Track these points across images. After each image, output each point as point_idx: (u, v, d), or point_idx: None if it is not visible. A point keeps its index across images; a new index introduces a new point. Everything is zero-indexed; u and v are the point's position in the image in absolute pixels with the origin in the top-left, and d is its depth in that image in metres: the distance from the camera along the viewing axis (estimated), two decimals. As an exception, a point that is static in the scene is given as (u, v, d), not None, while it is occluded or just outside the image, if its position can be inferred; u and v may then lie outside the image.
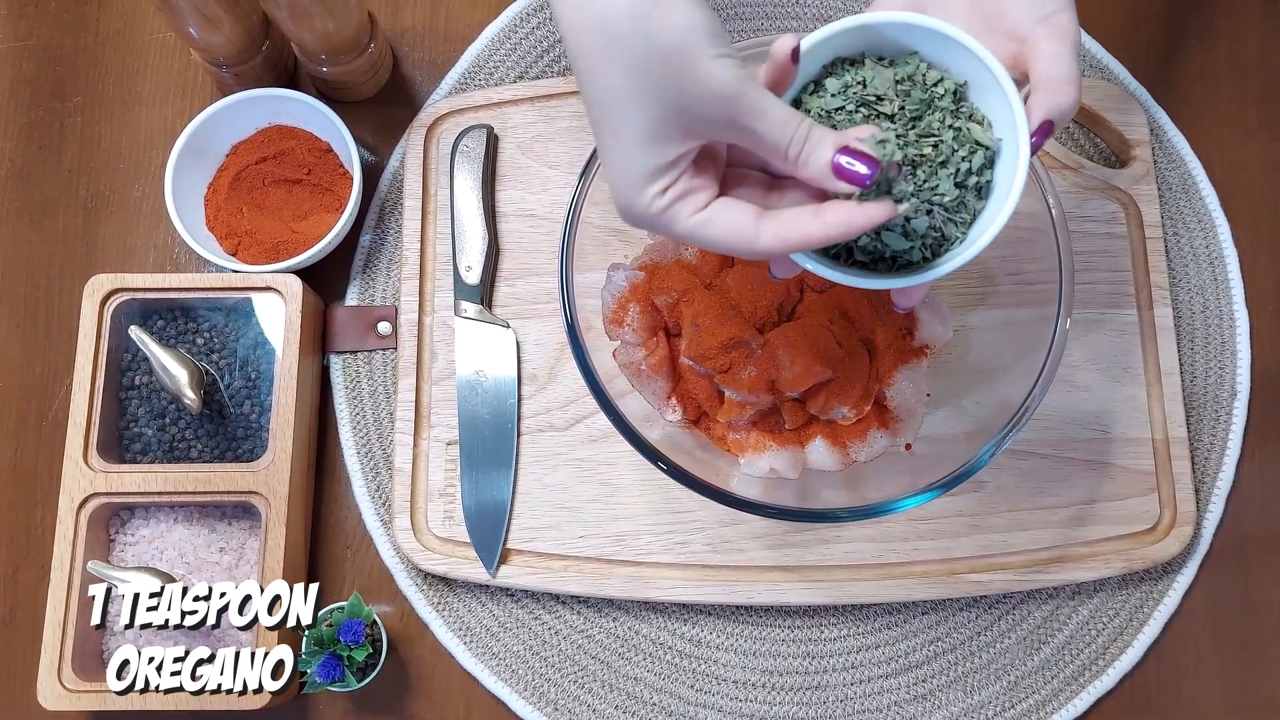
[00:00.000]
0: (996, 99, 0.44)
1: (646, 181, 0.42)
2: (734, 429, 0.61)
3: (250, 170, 0.72)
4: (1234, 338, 0.70)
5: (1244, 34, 0.76)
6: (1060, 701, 0.65)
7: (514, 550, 0.66)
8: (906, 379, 0.61)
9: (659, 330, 0.61)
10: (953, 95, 0.44)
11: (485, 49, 0.77)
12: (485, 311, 0.70)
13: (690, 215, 0.42)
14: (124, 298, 0.68)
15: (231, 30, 0.69)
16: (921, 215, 0.43)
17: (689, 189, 0.42)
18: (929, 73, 0.44)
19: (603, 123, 0.42)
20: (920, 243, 0.44)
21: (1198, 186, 0.73)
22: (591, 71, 0.41)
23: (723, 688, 0.66)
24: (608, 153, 0.42)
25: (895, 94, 0.44)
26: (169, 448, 0.68)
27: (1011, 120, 0.43)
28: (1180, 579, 0.67)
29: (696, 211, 0.42)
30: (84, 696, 0.62)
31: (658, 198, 0.42)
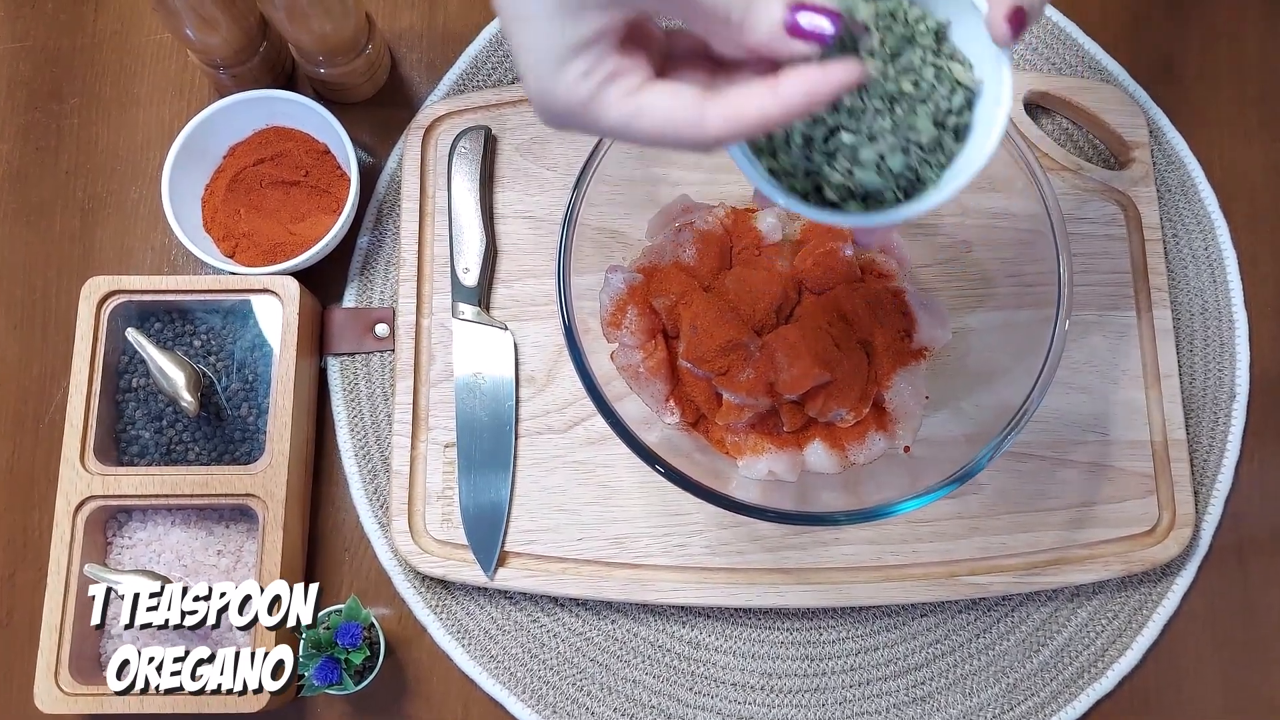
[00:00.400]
0: (979, 41, 0.42)
1: (562, 61, 0.34)
2: (732, 431, 0.61)
3: (248, 172, 0.72)
4: (1233, 339, 0.70)
5: (1244, 35, 0.76)
6: (1059, 704, 0.65)
7: (512, 553, 0.66)
8: (905, 381, 0.61)
9: (657, 333, 0.61)
10: (934, 34, 0.42)
11: (483, 50, 0.76)
12: (483, 313, 0.70)
13: (619, 101, 0.35)
14: (121, 300, 0.67)
15: (228, 31, 0.68)
16: (898, 153, 0.42)
17: (617, 70, 0.35)
18: (911, 9, 0.42)
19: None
20: (895, 182, 0.43)
21: (1197, 188, 0.73)
22: None
23: (721, 690, 0.66)
24: (515, 31, 0.35)
25: (877, 28, 0.41)
26: (166, 450, 0.67)
27: (995, 64, 0.42)
28: (1179, 581, 0.67)
29: (627, 95, 0.35)
30: (81, 700, 0.62)
31: (580, 81, 0.35)
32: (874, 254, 0.64)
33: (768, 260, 0.62)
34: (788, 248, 0.63)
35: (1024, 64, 0.75)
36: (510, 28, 0.35)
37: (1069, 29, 0.76)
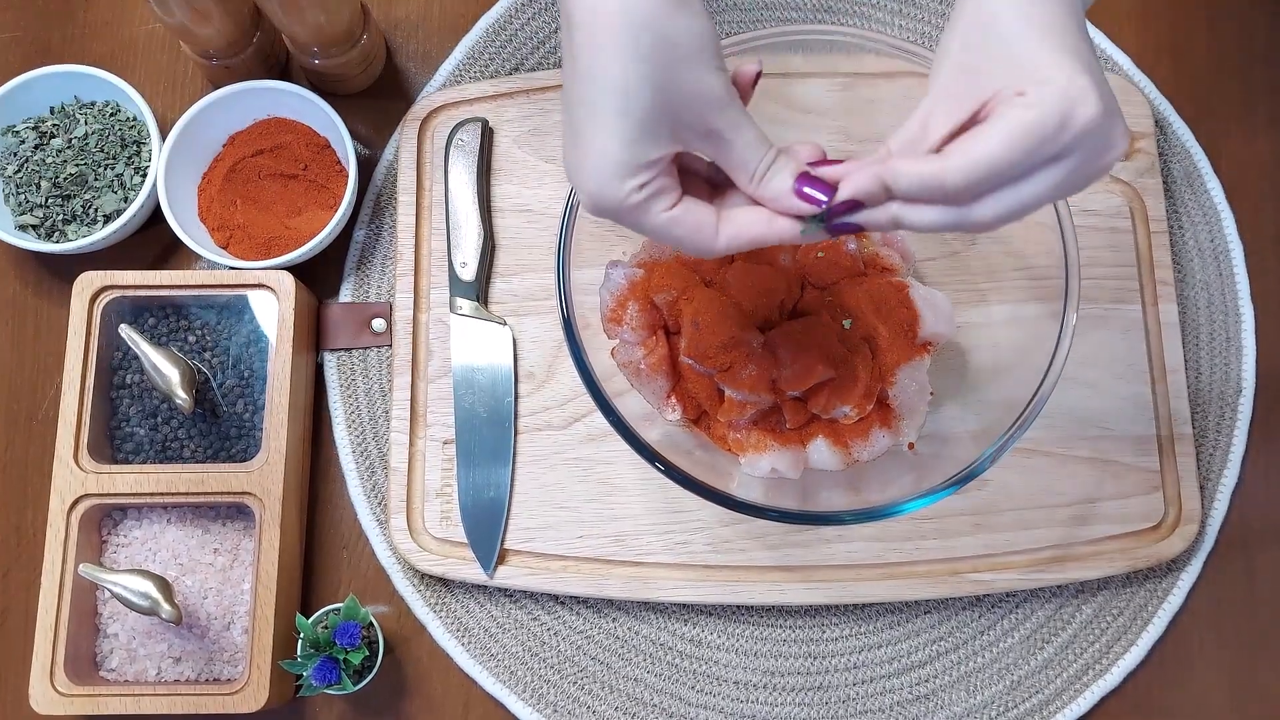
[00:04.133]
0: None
1: (629, 174, 0.42)
2: (734, 428, 0.60)
3: (246, 163, 0.71)
4: (1239, 333, 0.70)
5: (1253, 23, 0.75)
6: (1063, 701, 0.65)
7: (512, 550, 0.66)
8: (909, 377, 0.60)
9: (658, 329, 0.60)
10: None
11: (480, 41, 0.75)
12: (481, 308, 0.69)
13: (661, 212, 0.44)
14: (114, 295, 0.67)
15: (221, 22, 0.67)
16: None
17: (663, 188, 0.43)
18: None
19: (595, 106, 0.41)
20: None
21: (1203, 179, 0.72)
22: (599, 52, 0.41)
23: (723, 689, 0.65)
24: (591, 137, 0.42)
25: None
26: (161, 448, 0.67)
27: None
28: (1184, 577, 0.66)
29: (667, 209, 0.44)
30: (77, 700, 0.61)
31: (636, 191, 0.43)
32: (877, 248, 0.63)
33: (770, 254, 0.61)
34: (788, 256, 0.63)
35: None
36: (590, 125, 0.42)
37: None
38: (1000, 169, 0.39)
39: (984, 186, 0.40)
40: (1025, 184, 0.40)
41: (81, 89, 0.72)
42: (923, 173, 0.40)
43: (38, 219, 0.70)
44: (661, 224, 0.44)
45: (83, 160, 0.70)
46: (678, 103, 0.41)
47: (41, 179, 0.70)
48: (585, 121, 0.42)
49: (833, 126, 0.67)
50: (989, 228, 0.42)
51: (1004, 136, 0.39)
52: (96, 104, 0.72)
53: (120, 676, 0.64)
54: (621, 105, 0.41)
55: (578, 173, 0.43)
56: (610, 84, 0.41)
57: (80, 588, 0.63)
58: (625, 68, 0.40)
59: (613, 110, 0.41)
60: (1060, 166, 0.40)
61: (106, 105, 0.72)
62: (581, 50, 0.41)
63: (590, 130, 0.42)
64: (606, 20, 0.40)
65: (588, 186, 0.43)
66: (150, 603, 0.58)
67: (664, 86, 0.41)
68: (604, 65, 0.41)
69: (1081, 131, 0.39)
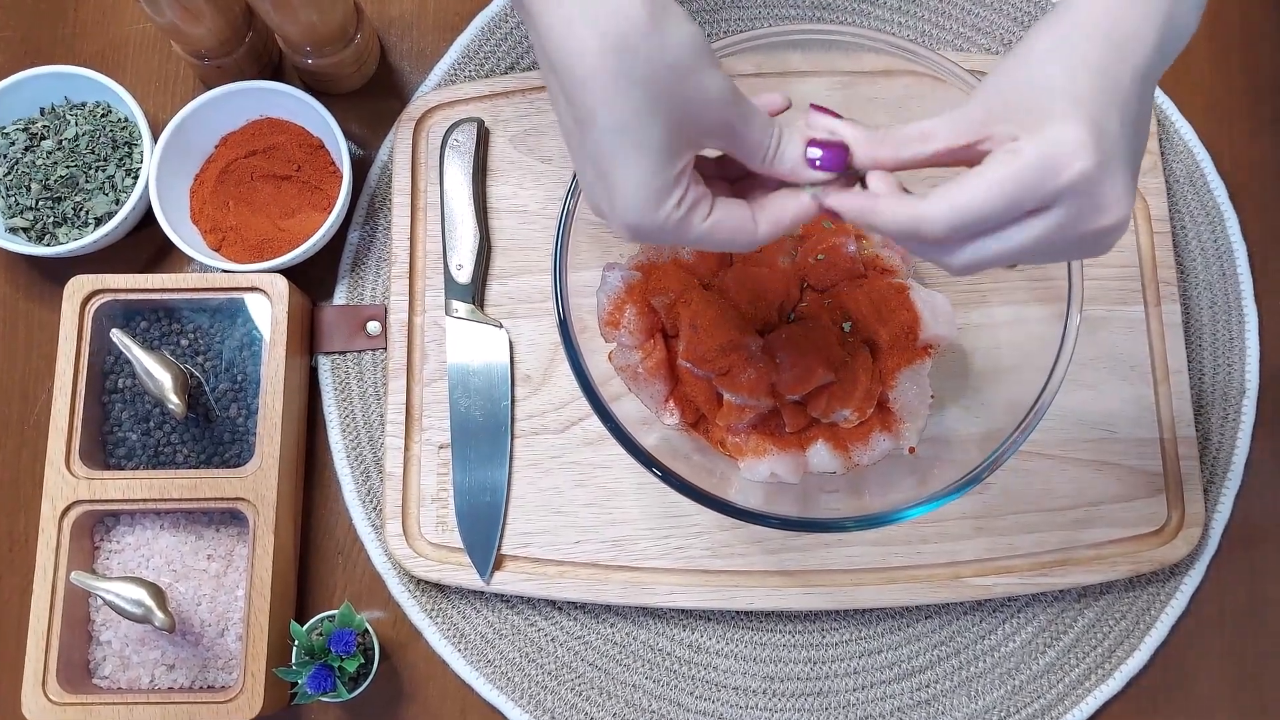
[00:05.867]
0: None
1: (664, 196, 0.41)
2: (733, 432, 0.60)
3: (238, 164, 0.70)
4: (1243, 334, 0.69)
5: (1256, 22, 0.75)
6: (1066, 706, 0.64)
7: (508, 556, 0.65)
8: (910, 380, 0.59)
9: (656, 332, 0.60)
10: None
11: (475, 39, 0.75)
12: (477, 311, 0.68)
13: (700, 222, 0.43)
14: (105, 299, 0.66)
15: (213, 21, 0.67)
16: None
17: (698, 198, 0.42)
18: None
19: (616, 148, 0.40)
20: None
21: (1206, 179, 0.71)
22: (604, 94, 0.39)
23: (723, 694, 0.65)
24: (619, 176, 0.41)
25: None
26: (154, 453, 0.66)
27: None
28: (1188, 580, 0.66)
29: (706, 217, 0.43)
30: (70, 709, 0.60)
31: (675, 210, 0.42)
32: (877, 249, 0.62)
33: (769, 257, 0.61)
34: (790, 243, 0.62)
35: (1030, 52, 0.74)
36: (615, 165, 0.40)
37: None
38: (980, 216, 0.39)
39: (962, 234, 0.40)
40: (1005, 234, 0.39)
41: (72, 90, 0.71)
42: (902, 218, 0.40)
43: (28, 222, 0.69)
44: (705, 232, 0.43)
45: (73, 162, 0.70)
46: (689, 114, 0.40)
47: (32, 181, 0.69)
48: (607, 162, 0.40)
49: (832, 126, 0.67)
50: (964, 273, 0.42)
51: (985, 184, 0.38)
52: (87, 105, 0.71)
53: (113, 684, 0.63)
54: (637, 138, 0.40)
55: (612, 211, 0.42)
56: (618, 122, 0.39)
57: (73, 595, 0.62)
58: (627, 101, 0.39)
59: (631, 145, 0.40)
60: (1041, 221, 0.39)
61: (97, 106, 0.71)
62: (576, 95, 0.39)
63: (614, 170, 0.41)
64: (591, 60, 0.38)
65: (627, 221, 0.42)
66: (143, 610, 0.58)
67: (671, 105, 0.39)
68: (605, 105, 0.39)
69: (1066, 186, 0.38)
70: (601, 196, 0.42)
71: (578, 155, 0.42)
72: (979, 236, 0.40)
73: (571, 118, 0.41)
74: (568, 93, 0.40)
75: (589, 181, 0.42)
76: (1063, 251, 0.41)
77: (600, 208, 0.43)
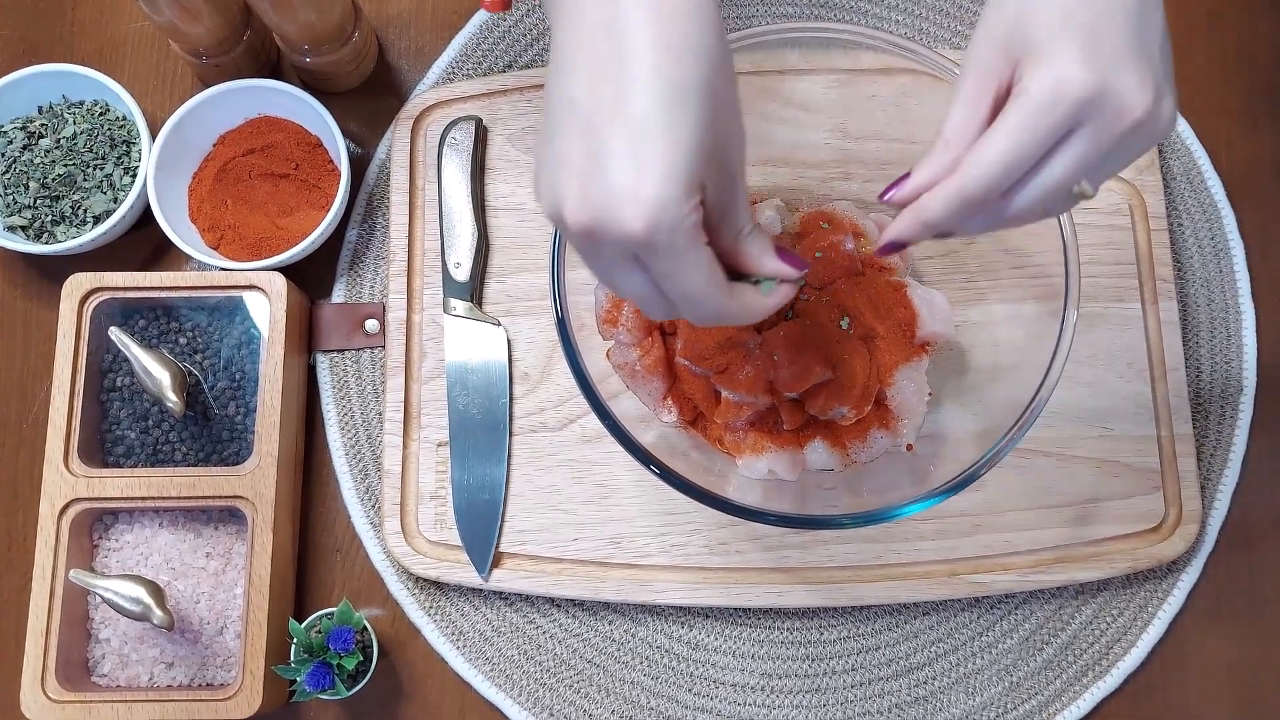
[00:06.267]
0: None
1: (691, 191, 0.37)
2: (731, 430, 0.60)
3: (237, 162, 0.70)
4: (1240, 331, 0.69)
5: (1253, 20, 0.75)
6: (1063, 703, 0.64)
7: (507, 553, 0.65)
8: (907, 378, 0.59)
9: (654, 330, 0.60)
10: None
11: (473, 37, 0.75)
12: (475, 309, 0.68)
13: (704, 245, 0.39)
14: (104, 297, 0.66)
15: (211, 20, 0.67)
16: None
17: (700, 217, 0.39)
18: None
19: (663, 117, 0.36)
20: None
21: (1203, 176, 0.72)
22: (667, 55, 0.36)
23: (721, 691, 0.65)
24: (656, 150, 0.36)
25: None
26: (152, 451, 0.66)
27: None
28: (1185, 577, 0.66)
29: (706, 244, 0.40)
30: (69, 707, 0.60)
31: (692, 213, 0.38)
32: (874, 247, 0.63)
33: (767, 254, 0.61)
34: (787, 241, 0.62)
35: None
36: (648, 137, 0.36)
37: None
38: (1013, 163, 0.39)
39: (1005, 183, 0.40)
40: (1046, 169, 0.40)
41: (70, 88, 0.71)
42: (946, 196, 0.40)
43: (26, 220, 0.69)
44: (706, 260, 0.39)
45: (71, 160, 0.70)
46: (724, 128, 0.38)
47: (30, 180, 0.69)
48: (648, 132, 0.36)
49: (830, 124, 0.67)
50: (1025, 220, 0.41)
51: (1005, 134, 0.39)
52: (85, 103, 0.71)
53: (112, 682, 0.63)
54: (682, 114, 0.36)
55: (633, 180, 0.36)
56: (672, 89, 0.36)
57: (71, 593, 0.62)
58: (686, 70, 0.36)
59: (678, 118, 0.36)
60: (1072, 145, 0.39)
61: (95, 105, 0.71)
62: (634, 49, 0.36)
63: (653, 142, 0.36)
64: (670, 11, 0.36)
65: (648, 196, 0.36)
66: (142, 608, 0.58)
67: (714, 99, 0.37)
68: (667, 66, 0.36)
69: (1075, 106, 0.38)
70: (621, 173, 0.36)
71: (596, 124, 0.37)
72: (1023, 183, 0.40)
73: (602, 81, 0.37)
74: (622, 45, 0.36)
75: (603, 153, 0.37)
76: (1111, 160, 0.40)
77: (616, 180, 0.37)
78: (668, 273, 0.39)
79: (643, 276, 0.40)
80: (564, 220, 0.38)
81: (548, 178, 0.39)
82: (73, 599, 0.62)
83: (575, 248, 0.40)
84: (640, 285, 0.40)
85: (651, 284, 0.40)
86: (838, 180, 0.67)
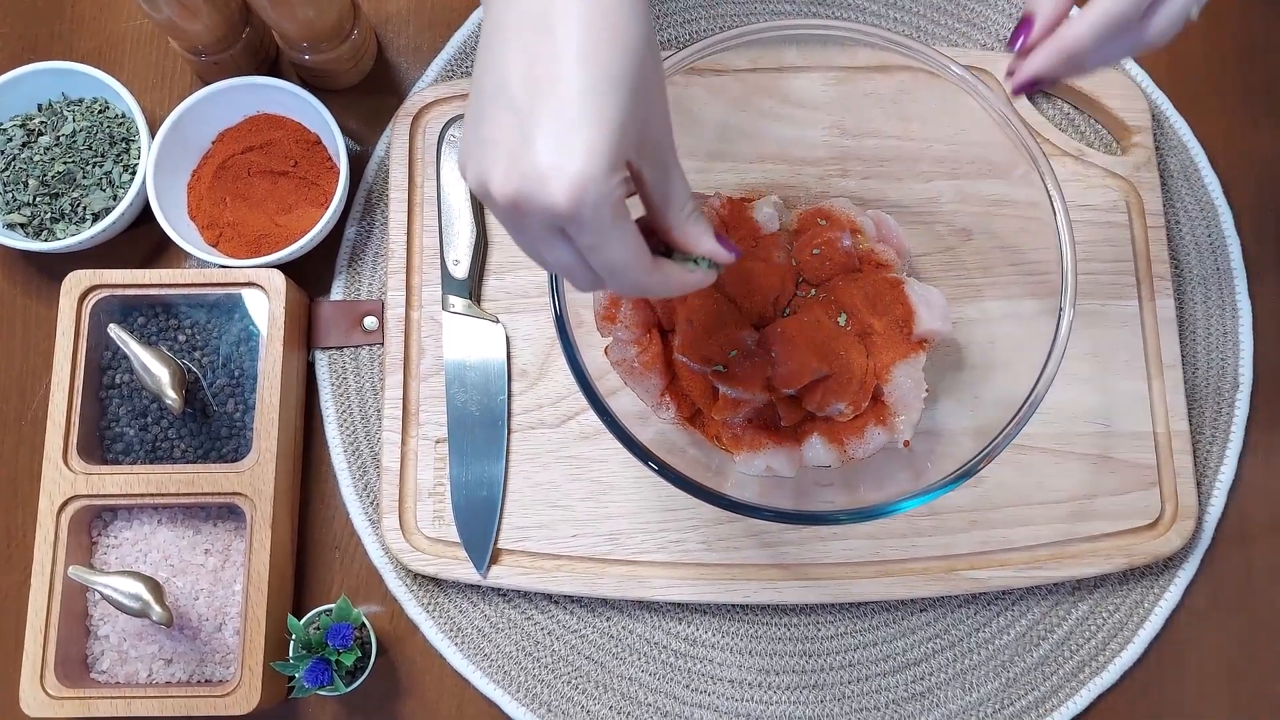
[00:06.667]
0: None
1: (617, 167, 0.39)
2: (729, 426, 0.60)
3: (235, 160, 0.71)
4: (1236, 328, 0.69)
5: (1251, 18, 0.75)
6: (1060, 698, 0.64)
7: (505, 550, 0.65)
8: (904, 374, 0.60)
9: (652, 326, 0.60)
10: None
11: (472, 35, 0.75)
12: (474, 306, 0.68)
13: (628, 220, 0.41)
14: (103, 294, 0.66)
15: (210, 18, 0.67)
16: None
17: (624, 193, 0.40)
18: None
19: (592, 95, 0.38)
20: None
21: (1200, 173, 0.72)
22: (595, 37, 0.38)
23: (718, 687, 0.65)
24: (585, 125, 0.38)
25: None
26: (151, 448, 0.66)
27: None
28: (1181, 573, 0.66)
29: (629, 220, 0.41)
30: (68, 703, 0.60)
31: (616, 189, 0.39)
32: (872, 244, 0.63)
33: (765, 251, 0.61)
34: (785, 238, 0.62)
35: (1024, 47, 0.74)
36: (579, 110, 0.38)
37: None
38: None
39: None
40: None
41: (69, 86, 0.71)
42: (1093, 20, 0.44)
43: (25, 217, 0.69)
44: (630, 235, 0.40)
45: (71, 158, 0.70)
46: (648, 112, 0.40)
47: (29, 177, 0.69)
48: (578, 106, 0.38)
49: (828, 121, 0.67)
50: (1160, 42, 0.45)
51: None
52: (84, 101, 0.72)
53: (111, 678, 0.63)
54: (609, 93, 0.38)
55: (558, 150, 0.38)
56: (601, 70, 0.38)
57: (70, 590, 0.62)
58: (611, 53, 0.38)
59: (605, 97, 0.38)
60: None
61: (94, 102, 0.71)
62: (563, 27, 0.38)
63: (583, 116, 0.38)
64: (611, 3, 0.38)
65: (573, 171, 0.38)
66: (141, 604, 0.58)
67: (638, 83, 0.39)
68: (595, 48, 0.38)
69: None
70: (551, 131, 0.38)
71: (526, 106, 0.38)
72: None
73: (533, 67, 0.39)
74: (554, 34, 0.38)
75: (539, 111, 0.38)
76: None
77: (542, 148, 0.38)
78: (593, 246, 0.41)
79: (568, 248, 0.41)
80: (490, 193, 0.40)
81: (476, 155, 0.40)
82: (72, 595, 0.63)
83: (501, 221, 0.42)
84: (566, 256, 0.42)
85: (577, 255, 0.42)
86: (835, 177, 0.68)
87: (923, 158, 0.66)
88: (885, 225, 0.64)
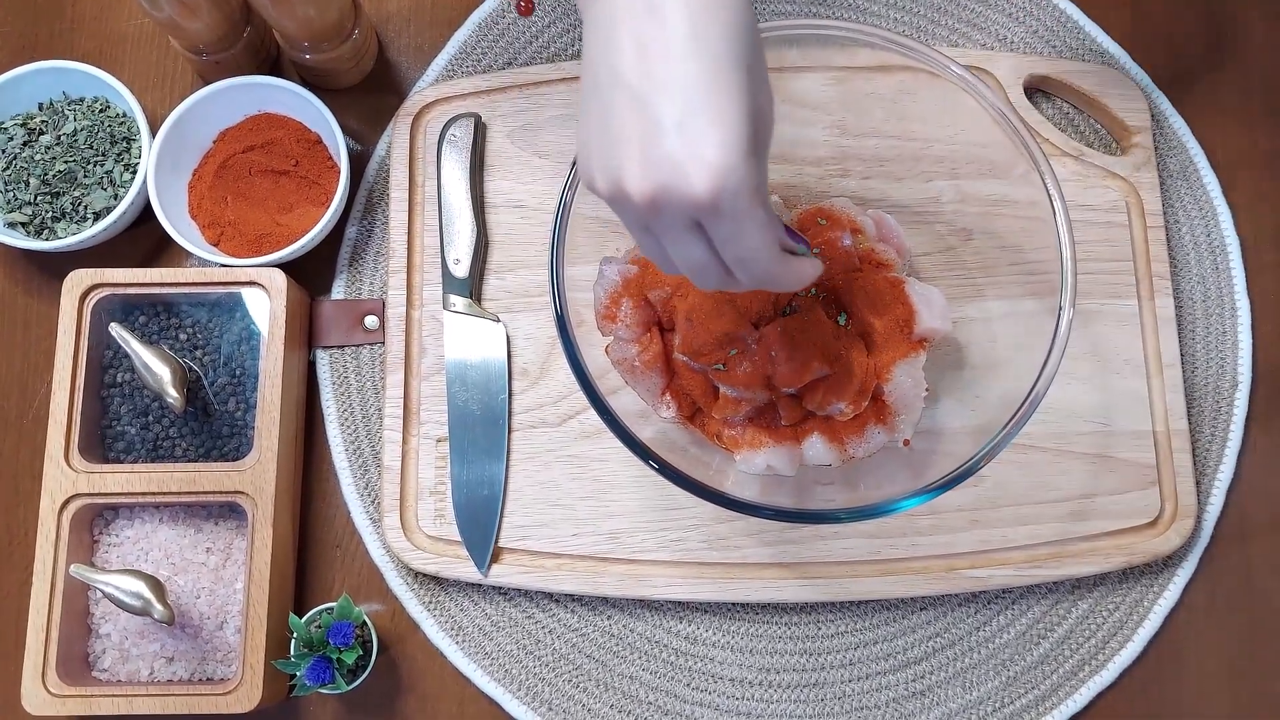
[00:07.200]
0: None
1: (751, 154, 0.38)
2: (729, 425, 0.60)
3: (237, 159, 0.71)
4: (1235, 327, 0.69)
5: (1250, 19, 0.75)
6: (1059, 697, 0.64)
7: (506, 549, 0.65)
8: (904, 373, 0.60)
9: (652, 326, 0.60)
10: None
11: (473, 35, 0.75)
12: (474, 305, 0.68)
13: (766, 205, 0.39)
14: (104, 293, 0.66)
15: (211, 17, 0.67)
16: None
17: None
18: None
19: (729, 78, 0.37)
20: None
21: (1199, 173, 0.72)
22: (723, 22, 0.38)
23: (719, 686, 0.65)
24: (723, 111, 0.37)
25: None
26: (152, 447, 0.66)
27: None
28: (1181, 572, 0.66)
29: (767, 205, 0.40)
30: (69, 701, 0.61)
31: (755, 174, 0.38)
32: (872, 243, 0.63)
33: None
34: (785, 237, 0.62)
35: (1025, 47, 0.74)
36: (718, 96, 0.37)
37: (1070, 11, 0.75)
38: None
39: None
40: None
41: (70, 85, 0.71)
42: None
43: (27, 216, 0.69)
44: (768, 220, 0.39)
45: (72, 157, 0.70)
46: (763, 92, 0.39)
47: (30, 176, 0.69)
48: (718, 91, 0.37)
49: (828, 121, 0.67)
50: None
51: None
52: (85, 100, 0.72)
53: (113, 677, 0.63)
54: (744, 78, 0.37)
55: (696, 146, 0.37)
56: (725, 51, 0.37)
57: (72, 588, 0.62)
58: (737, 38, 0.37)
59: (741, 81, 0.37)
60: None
61: (96, 101, 0.72)
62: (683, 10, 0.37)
63: (711, 96, 0.37)
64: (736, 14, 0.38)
65: (713, 159, 0.37)
66: (142, 603, 0.58)
67: (755, 72, 0.38)
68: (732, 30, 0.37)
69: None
70: (682, 140, 0.37)
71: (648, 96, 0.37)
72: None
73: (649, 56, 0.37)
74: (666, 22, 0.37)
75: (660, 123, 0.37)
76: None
77: (674, 154, 0.37)
78: (730, 236, 0.39)
79: (701, 243, 0.40)
80: (625, 192, 0.38)
81: (601, 153, 0.39)
82: (73, 594, 0.63)
83: (631, 222, 0.40)
84: (700, 252, 0.40)
85: (709, 250, 0.40)
86: (836, 177, 0.68)
87: (923, 158, 0.66)
88: (885, 225, 0.64)
